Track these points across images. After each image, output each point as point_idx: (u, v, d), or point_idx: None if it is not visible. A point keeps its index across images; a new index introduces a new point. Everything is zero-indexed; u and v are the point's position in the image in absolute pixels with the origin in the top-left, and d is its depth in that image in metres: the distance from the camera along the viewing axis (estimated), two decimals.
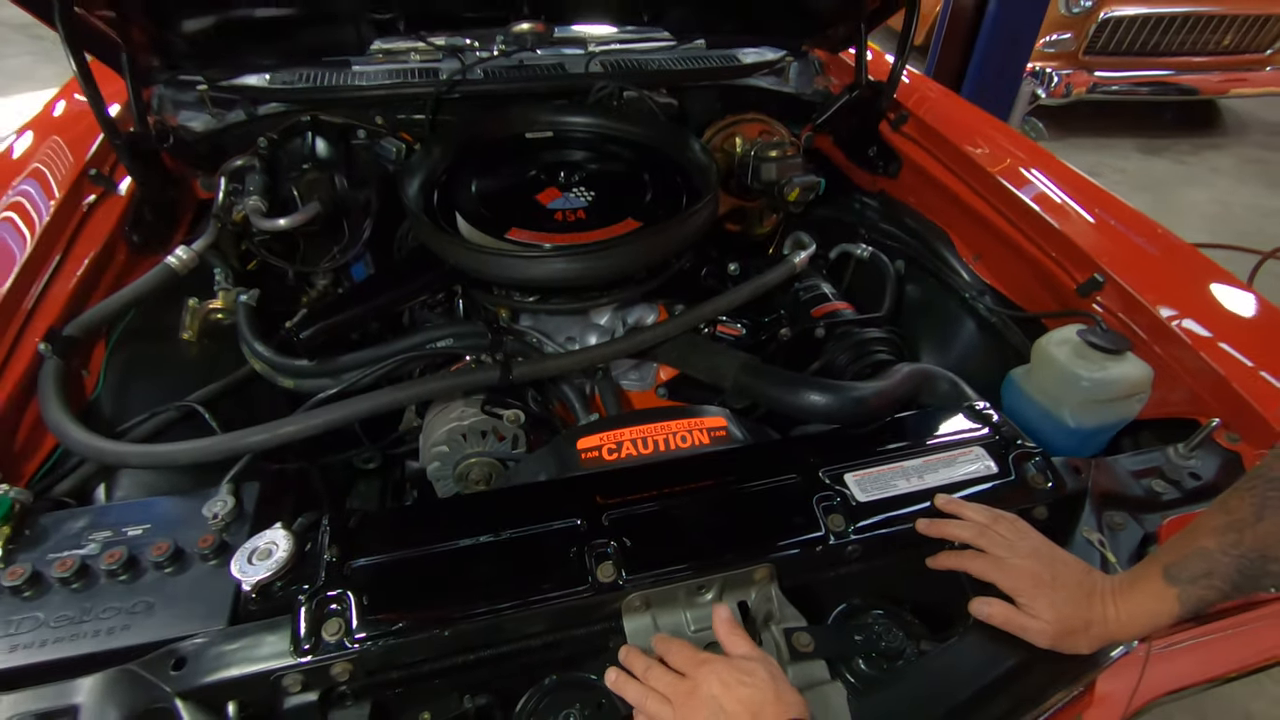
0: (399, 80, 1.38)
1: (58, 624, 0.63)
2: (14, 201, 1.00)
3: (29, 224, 0.96)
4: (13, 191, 1.02)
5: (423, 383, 0.90)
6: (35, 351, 0.85)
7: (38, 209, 0.99)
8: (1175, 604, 0.61)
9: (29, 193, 1.02)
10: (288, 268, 1.18)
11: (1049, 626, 0.63)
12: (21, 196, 1.01)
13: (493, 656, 0.66)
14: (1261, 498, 0.59)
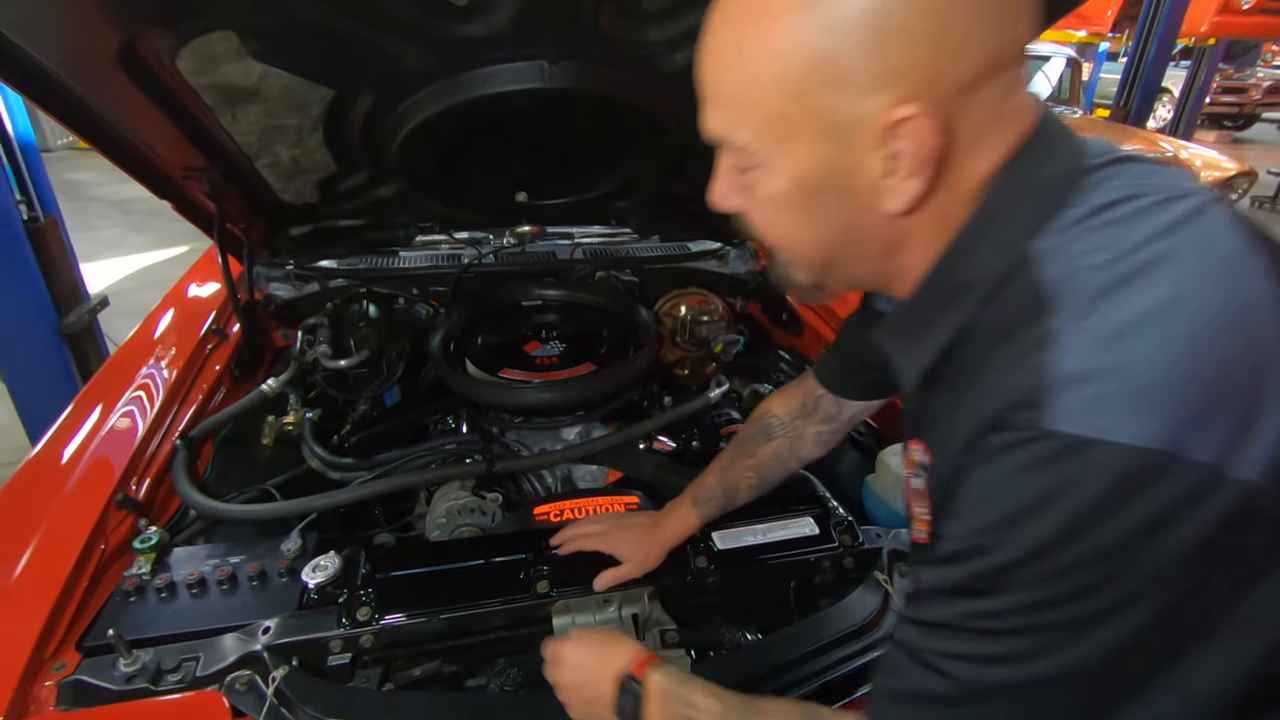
0: (431, 264, 1.90)
1: (196, 610, 0.98)
2: (165, 352, 1.46)
3: (174, 365, 1.41)
4: (163, 346, 1.48)
5: (431, 472, 1.28)
6: (173, 446, 1.26)
7: (180, 354, 1.44)
8: (695, 519, 1.05)
9: (174, 344, 1.48)
10: (339, 396, 1.60)
11: (634, 562, 1.01)
12: (170, 347, 1.47)
13: (467, 643, 1.00)
14: (734, 452, 1.05)
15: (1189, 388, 0.41)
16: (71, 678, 0.87)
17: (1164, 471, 0.40)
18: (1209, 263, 0.45)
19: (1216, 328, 0.42)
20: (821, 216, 0.54)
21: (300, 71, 1.04)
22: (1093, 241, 0.46)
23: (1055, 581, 0.43)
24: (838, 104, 0.47)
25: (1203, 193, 0.49)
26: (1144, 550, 0.41)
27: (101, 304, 2.35)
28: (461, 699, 0.94)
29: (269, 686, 0.87)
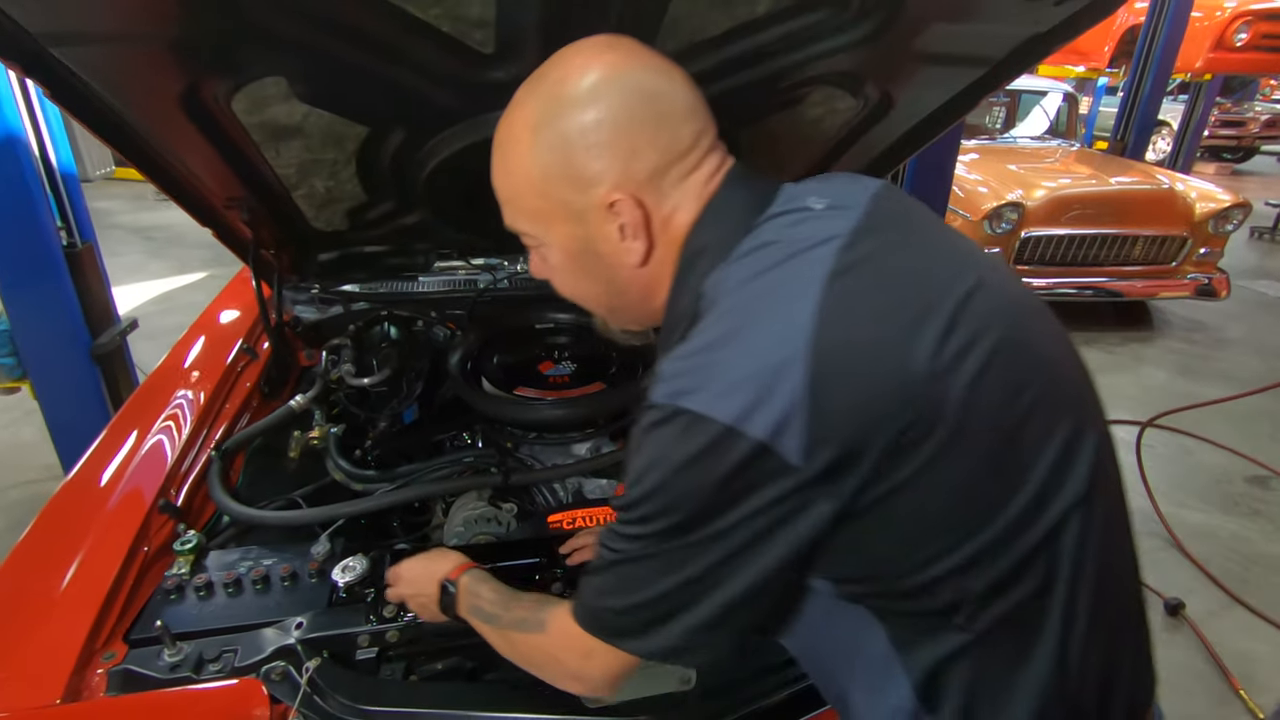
0: (448, 288, 1.99)
1: (234, 607, 1.05)
2: (200, 369, 1.55)
3: (208, 381, 1.50)
4: (198, 364, 1.57)
5: (449, 482, 1.36)
6: (209, 456, 1.34)
7: (214, 371, 1.53)
8: None
9: (208, 362, 1.57)
10: (361, 413, 1.68)
11: None
12: (205, 364, 1.56)
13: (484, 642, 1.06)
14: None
15: (746, 383, 0.55)
16: (120, 666, 0.94)
17: (725, 438, 0.54)
18: (781, 294, 0.59)
19: (768, 344, 0.57)
20: (592, 275, 0.73)
21: (340, 111, 1.14)
22: (729, 277, 0.63)
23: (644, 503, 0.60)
24: (572, 197, 0.67)
25: (825, 240, 0.61)
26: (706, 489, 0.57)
27: (131, 326, 2.44)
28: (479, 688, 1.00)
29: (302, 676, 0.94)
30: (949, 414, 0.55)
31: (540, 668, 0.80)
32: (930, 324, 0.56)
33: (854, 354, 0.55)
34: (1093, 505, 0.60)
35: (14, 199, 2.00)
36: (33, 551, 1.08)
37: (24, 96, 2.00)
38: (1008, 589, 0.59)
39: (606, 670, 0.71)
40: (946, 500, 0.57)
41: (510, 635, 0.83)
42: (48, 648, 0.93)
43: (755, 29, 1.03)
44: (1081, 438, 0.61)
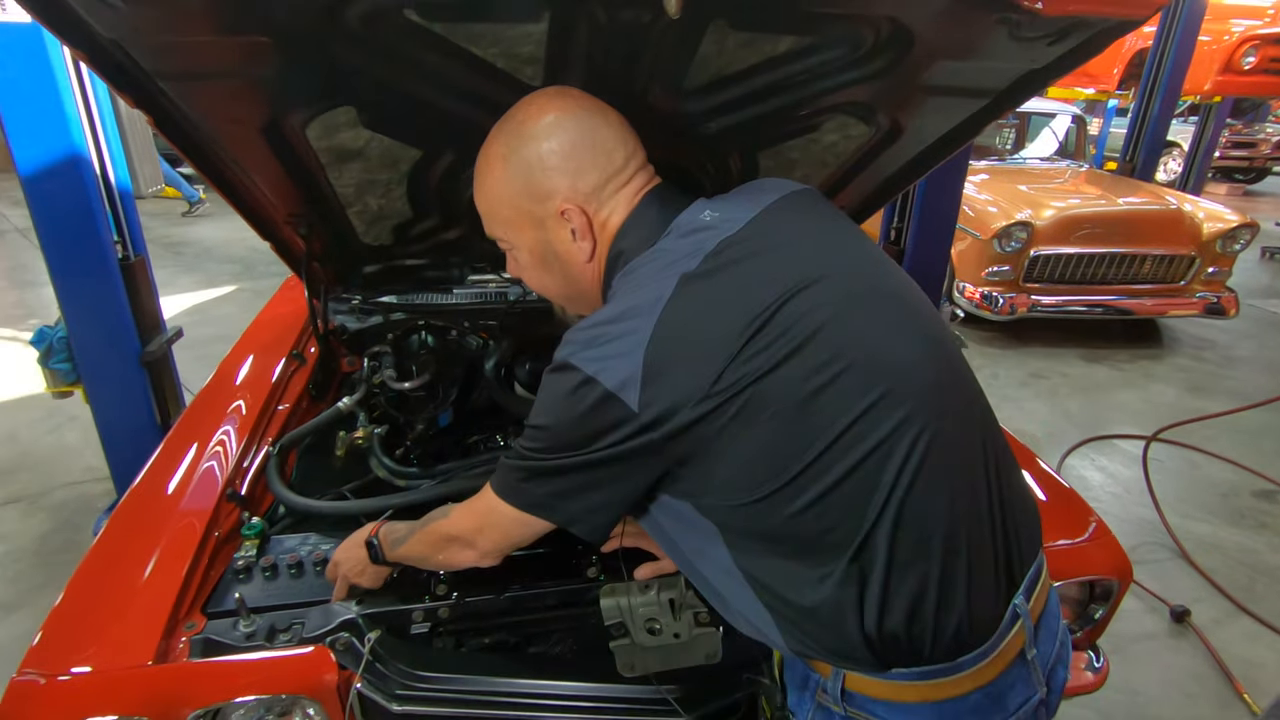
0: (480, 300, 2.11)
1: (297, 586, 1.15)
2: (255, 376, 1.67)
3: (265, 384, 1.61)
4: (253, 372, 1.69)
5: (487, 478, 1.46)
6: (266, 452, 1.45)
7: (268, 376, 1.64)
8: None
9: (262, 369, 1.69)
10: (400, 416, 1.79)
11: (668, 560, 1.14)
12: (259, 368, 1.68)
13: (527, 619, 1.16)
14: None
15: (609, 352, 0.75)
16: (201, 635, 1.04)
17: (588, 384, 0.74)
18: (648, 292, 0.78)
19: (629, 327, 0.76)
20: (553, 271, 0.94)
21: (398, 136, 1.26)
22: (627, 276, 0.84)
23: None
24: (533, 208, 0.88)
25: (694, 252, 0.80)
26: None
27: (176, 334, 2.57)
28: (524, 659, 1.10)
29: (365, 646, 1.04)
30: (748, 388, 0.72)
31: (444, 548, 0.96)
32: (745, 318, 0.73)
33: (679, 339, 0.74)
34: (893, 455, 0.74)
35: (77, 214, 2.13)
36: (119, 536, 1.19)
37: (88, 119, 2.14)
38: (803, 523, 0.74)
39: (495, 542, 0.92)
40: (750, 449, 0.74)
41: (420, 535, 1.00)
42: (139, 618, 1.03)
43: (776, 64, 1.14)
44: (892, 401, 0.75)
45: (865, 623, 0.73)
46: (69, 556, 2.44)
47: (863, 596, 0.73)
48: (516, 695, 1.00)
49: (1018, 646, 0.79)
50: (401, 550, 1.03)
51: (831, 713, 0.79)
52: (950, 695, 0.76)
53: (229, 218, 7.64)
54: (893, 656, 0.74)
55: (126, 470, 2.51)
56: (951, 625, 0.74)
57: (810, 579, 0.74)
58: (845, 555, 0.73)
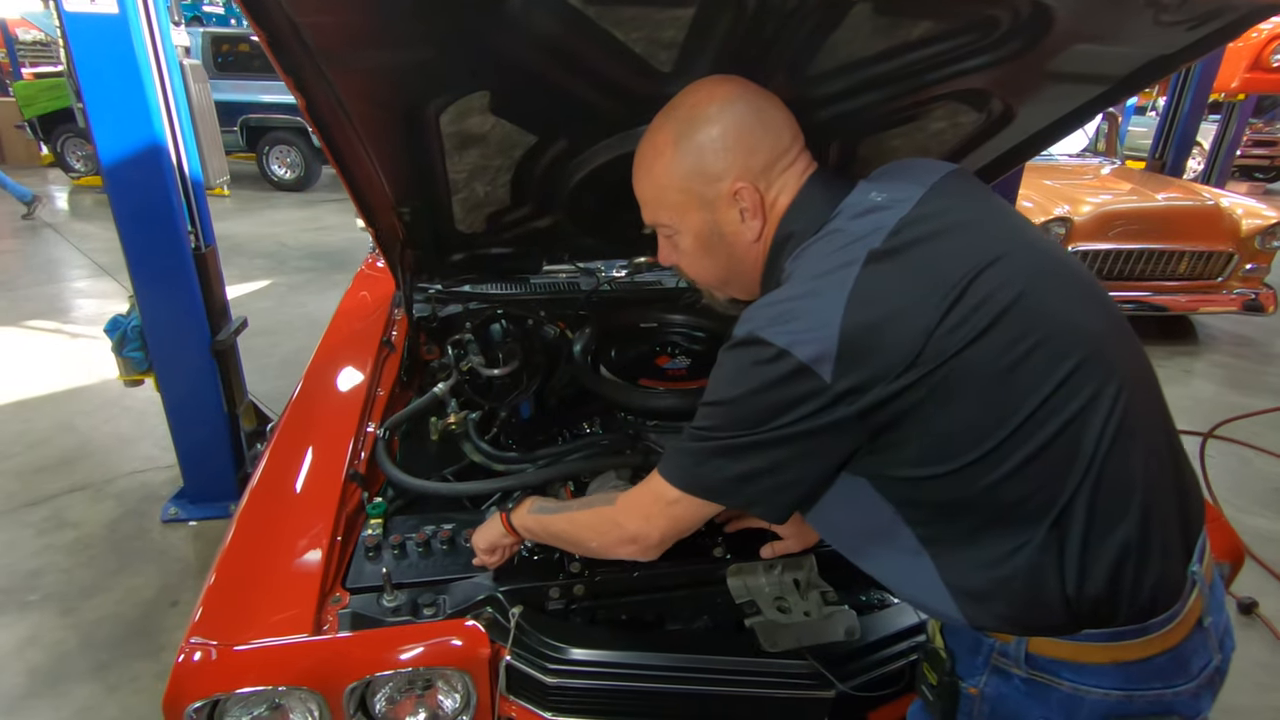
0: (556, 291, 2.13)
1: (427, 564, 1.17)
2: (354, 363, 1.69)
3: (365, 371, 1.63)
4: (351, 359, 1.72)
5: (594, 461, 1.47)
6: (376, 435, 1.47)
7: (366, 363, 1.66)
8: None
9: (359, 356, 1.71)
10: (484, 403, 1.81)
11: (795, 538, 1.17)
12: (356, 358, 1.70)
13: (657, 597, 1.17)
14: None
15: (801, 327, 0.76)
16: (349, 610, 1.06)
17: (780, 356, 0.74)
18: (834, 273, 0.79)
19: (820, 305, 0.77)
20: (717, 253, 0.95)
21: (519, 122, 1.27)
22: (804, 257, 0.85)
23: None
24: (703, 190, 0.90)
25: (874, 231, 0.81)
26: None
27: (242, 324, 2.60)
28: (661, 634, 1.12)
29: (510, 620, 1.06)
30: (947, 361, 0.73)
31: (599, 534, 0.95)
32: (940, 294, 0.74)
33: (875, 315, 0.74)
34: (1092, 421, 0.75)
35: (157, 205, 2.16)
36: (257, 515, 1.21)
37: (167, 111, 2.16)
38: (1001, 492, 0.75)
39: (662, 532, 0.90)
40: (947, 422, 0.75)
41: (575, 515, 1.00)
42: (290, 592, 1.06)
43: (905, 50, 1.15)
44: (1087, 370, 0.75)
45: (1066, 587, 0.74)
46: (140, 543, 2.47)
47: (1063, 561, 0.74)
48: (667, 668, 1.02)
49: (1198, 612, 0.80)
50: (545, 519, 1.03)
51: (1010, 676, 0.81)
52: (1138, 657, 0.77)
53: (256, 213, 7.76)
54: (1088, 619, 0.76)
55: (194, 457, 2.55)
56: (1147, 587, 0.76)
57: (1003, 549, 0.76)
58: (1045, 522, 0.74)
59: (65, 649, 2.03)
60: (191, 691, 0.94)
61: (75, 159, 8.81)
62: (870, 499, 0.81)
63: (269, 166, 9.01)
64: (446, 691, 1.06)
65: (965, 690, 0.84)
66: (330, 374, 1.63)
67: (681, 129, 0.90)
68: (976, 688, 0.83)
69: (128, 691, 1.90)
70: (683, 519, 0.88)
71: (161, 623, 2.11)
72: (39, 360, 4.01)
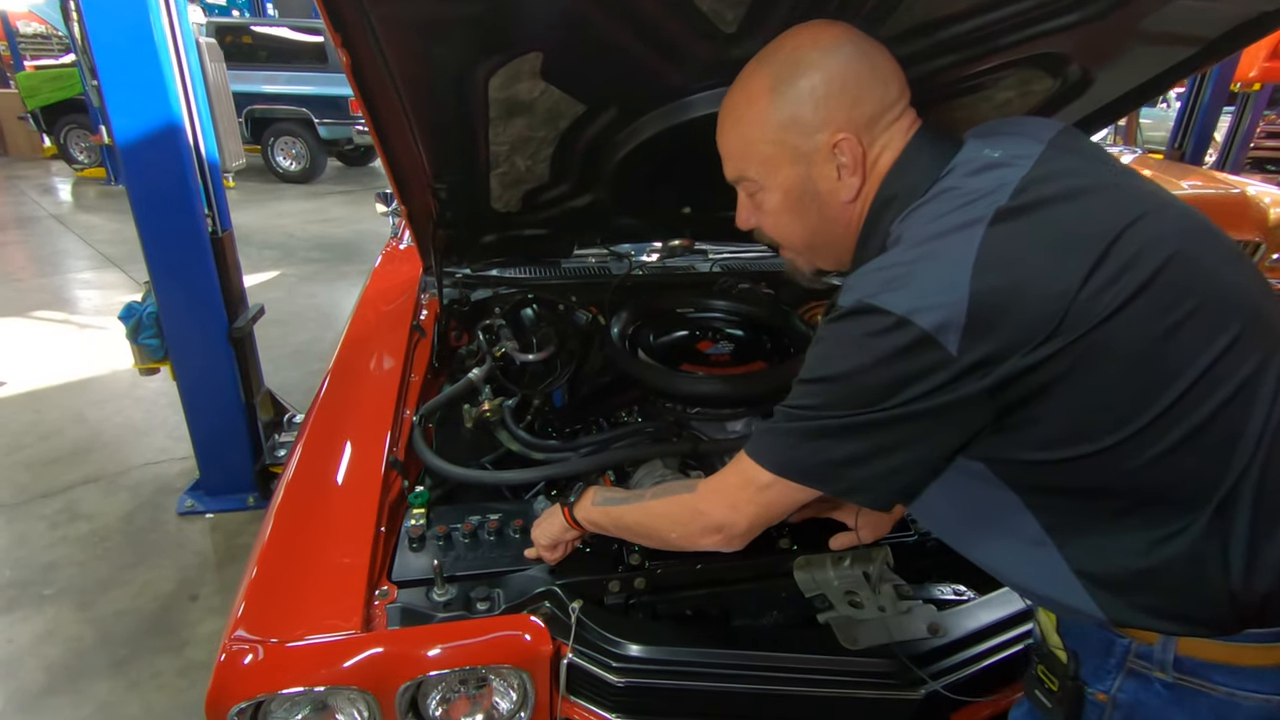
0: (587, 275, 2.06)
1: (475, 556, 1.11)
2: (385, 349, 1.62)
3: (397, 357, 1.56)
4: (382, 345, 1.65)
5: (641, 449, 1.40)
6: (412, 422, 1.40)
7: (399, 349, 1.60)
8: None
9: (390, 341, 1.64)
10: (517, 390, 1.74)
11: (867, 529, 1.10)
12: (387, 344, 1.64)
13: (720, 590, 1.11)
14: None
15: (921, 292, 0.67)
16: (398, 604, 1.00)
17: (899, 325, 0.66)
18: (955, 234, 0.70)
19: (942, 269, 0.68)
20: (807, 213, 0.87)
21: (569, 88, 1.20)
22: (915, 219, 0.76)
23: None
24: (799, 142, 0.81)
25: (995, 189, 0.72)
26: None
27: (259, 312, 2.53)
28: (731, 630, 1.05)
29: (571, 615, 0.99)
30: (1093, 330, 0.65)
31: (679, 524, 0.88)
32: (1082, 256, 0.66)
33: (1008, 279, 0.66)
34: (1259, 395, 0.68)
35: (174, 188, 2.09)
36: (296, 506, 1.14)
37: (184, 90, 2.09)
38: (1152, 475, 0.68)
39: (750, 520, 0.82)
40: (1091, 398, 0.67)
41: (649, 505, 0.93)
42: (336, 586, 0.99)
43: (988, 8, 1.08)
44: (1250, 338, 0.68)
45: (1231, 581, 0.67)
46: (156, 536, 2.41)
47: (1227, 552, 0.67)
48: (741, 667, 0.95)
49: None
50: (612, 510, 0.97)
51: (1150, 680, 0.74)
52: None
53: (262, 205, 7.69)
54: (1254, 617, 0.69)
55: (211, 448, 2.48)
56: None
57: (1150, 537, 0.69)
58: (1205, 508, 0.67)
59: (83, 644, 1.97)
60: (237, 692, 0.87)
61: (78, 150, 8.73)
62: (987, 484, 0.74)
63: (274, 158, 8.93)
64: (502, 691, 1.00)
65: (1092, 697, 0.77)
66: (361, 359, 1.56)
67: (780, 74, 0.81)
68: (1106, 694, 0.76)
69: (150, 688, 1.84)
70: (774, 505, 0.80)
71: (182, 617, 2.05)
72: (48, 351, 3.95)
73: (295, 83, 8.45)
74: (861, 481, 0.74)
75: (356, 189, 8.72)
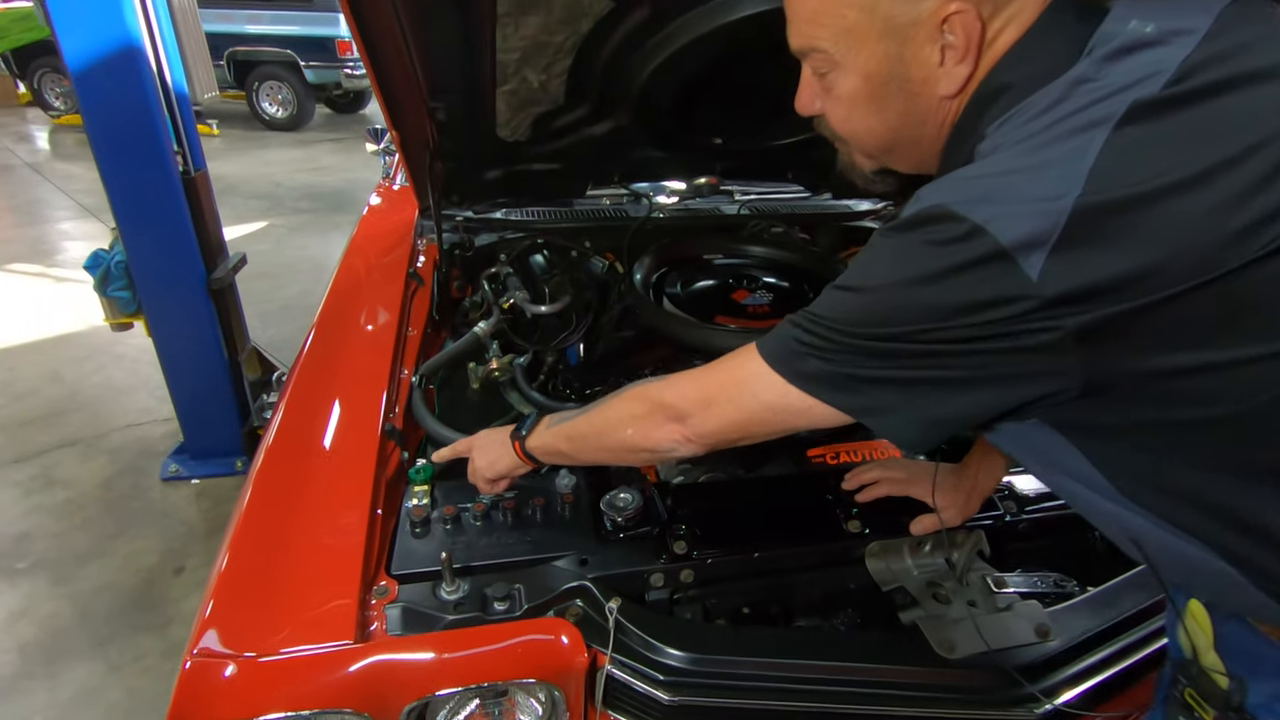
0: (601, 219, 1.85)
1: (489, 542, 0.93)
2: (379, 300, 1.42)
3: (392, 309, 1.37)
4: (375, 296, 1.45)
5: None
6: (411, 384, 1.22)
7: (394, 300, 1.40)
8: (1003, 464, 0.97)
9: (384, 292, 1.44)
10: (528, 347, 1.55)
11: (953, 509, 0.94)
12: (381, 295, 1.43)
13: (779, 585, 0.94)
14: None
15: (1008, 201, 0.52)
16: (399, 604, 0.83)
17: (973, 232, 0.52)
18: (1071, 138, 0.53)
19: (1041, 179, 0.53)
20: (888, 105, 0.66)
21: None
22: (1016, 127, 0.57)
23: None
24: (898, 10, 0.60)
25: (1138, 80, 0.53)
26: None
27: (241, 261, 2.32)
28: (807, 635, 0.88)
29: (609, 617, 0.82)
30: (1235, 273, 0.50)
31: (636, 418, 0.77)
32: (1240, 171, 0.50)
33: (1128, 194, 0.50)
34: None
35: (136, 120, 1.86)
36: (275, 483, 0.97)
37: (143, 10, 1.84)
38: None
39: (722, 423, 0.70)
40: (1233, 353, 0.52)
41: (605, 405, 0.82)
42: (325, 584, 0.82)
43: None
44: None
45: None
46: (138, 504, 2.25)
47: None
48: (814, 680, 0.79)
49: None
50: (566, 429, 0.86)
51: None
52: None
53: (247, 153, 7.35)
54: None
55: (194, 409, 2.31)
56: None
57: None
58: None
59: (60, 623, 1.82)
60: (203, 718, 0.71)
61: (54, 96, 8.31)
62: (1106, 448, 0.59)
63: (259, 104, 8.52)
64: (526, 707, 0.84)
65: None
66: (352, 311, 1.36)
67: None
68: None
69: (132, 671, 1.70)
70: (761, 415, 0.67)
71: (166, 592, 1.90)
72: (23, 306, 3.73)
73: (279, 22, 8.00)
74: (890, 414, 0.61)
75: (347, 136, 8.35)
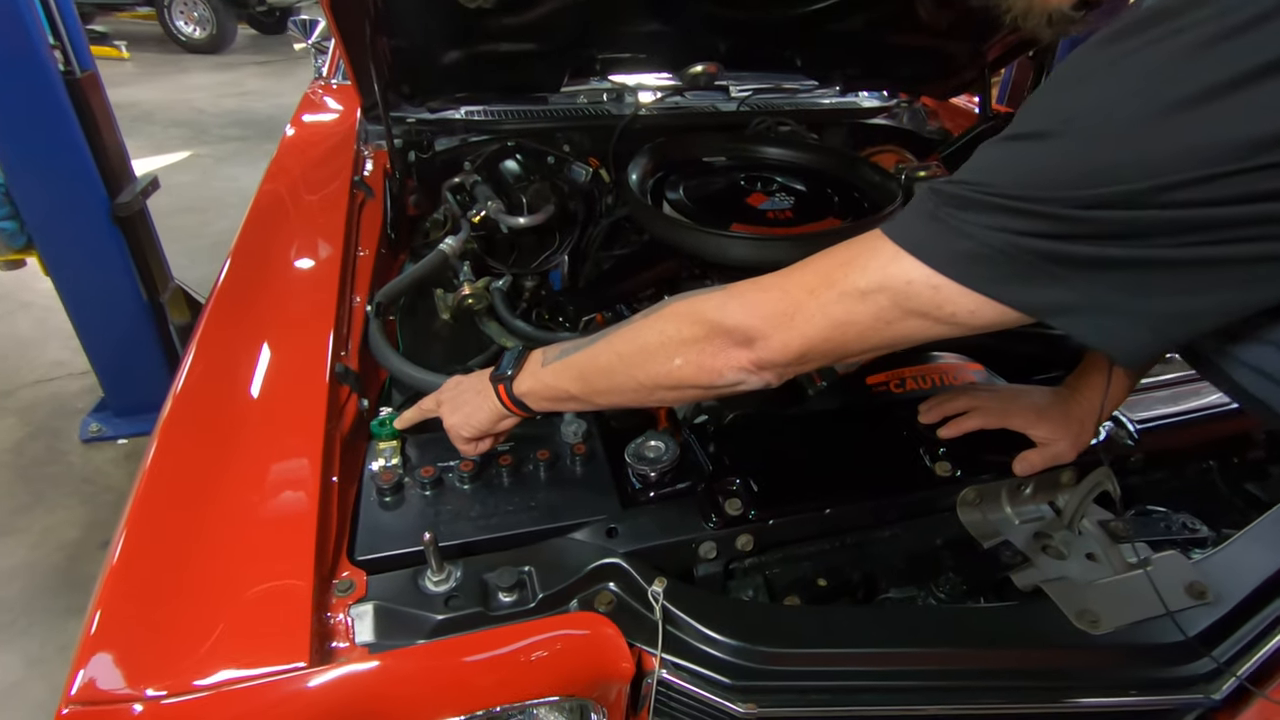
0: (580, 118, 1.57)
1: (484, 512, 0.71)
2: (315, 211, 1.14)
3: (336, 223, 1.09)
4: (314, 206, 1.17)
5: None
6: (365, 313, 0.97)
7: (338, 212, 1.12)
8: (1124, 385, 0.78)
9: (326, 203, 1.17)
10: (504, 270, 1.30)
11: (1064, 442, 0.76)
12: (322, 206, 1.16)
13: (853, 548, 0.75)
14: None
15: None
16: (368, 603, 0.61)
17: None
18: None
19: None
20: None
21: None
22: None
23: None
24: None
25: None
26: None
27: (151, 184, 1.97)
28: (897, 614, 0.70)
29: (654, 605, 0.62)
30: None
31: (685, 344, 0.58)
32: None
33: None
34: None
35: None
36: (187, 445, 0.72)
37: None
38: None
39: (810, 340, 0.53)
40: None
41: (634, 327, 0.62)
42: (264, 580, 0.59)
43: None
44: None
45: None
46: (55, 469, 1.96)
47: None
48: (927, 674, 0.60)
49: None
50: (575, 361, 0.65)
51: None
52: None
53: (164, 78, 6.64)
54: None
55: (112, 359, 2.00)
56: None
57: None
58: None
59: None
60: None
61: None
62: None
63: (173, 23, 7.67)
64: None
65: None
66: (282, 231, 1.09)
67: None
68: None
69: (57, 664, 1.46)
70: (873, 325, 0.50)
71: (93, 570, 1.64)
72: None
73: None
74: (1097, 308, 0.44)
75: (276, 59, 7.61)
